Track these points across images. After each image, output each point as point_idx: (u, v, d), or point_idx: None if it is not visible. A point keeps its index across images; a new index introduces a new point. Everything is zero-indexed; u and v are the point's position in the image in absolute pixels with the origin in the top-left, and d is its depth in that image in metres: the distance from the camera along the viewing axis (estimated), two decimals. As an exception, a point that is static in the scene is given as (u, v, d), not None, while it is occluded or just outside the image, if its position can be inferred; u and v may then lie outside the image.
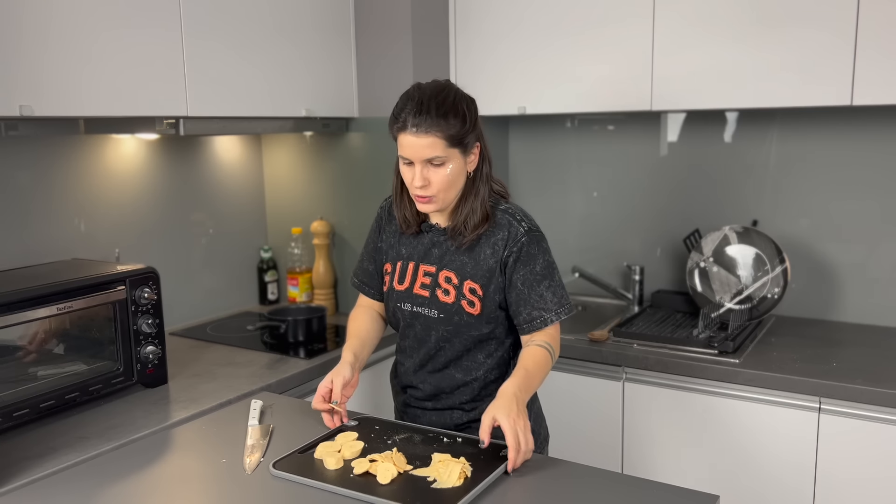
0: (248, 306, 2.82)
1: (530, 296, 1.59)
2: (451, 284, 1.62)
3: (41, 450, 1.56)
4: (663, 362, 2.16)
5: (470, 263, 1.61)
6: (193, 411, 1.76)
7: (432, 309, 1.64)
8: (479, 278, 1.61)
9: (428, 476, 1.37)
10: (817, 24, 2.10)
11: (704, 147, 2.65)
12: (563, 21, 2.47)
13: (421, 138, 1.50)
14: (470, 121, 1.53)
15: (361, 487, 1.33)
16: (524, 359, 1.56)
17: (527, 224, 1.62)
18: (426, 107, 1.50)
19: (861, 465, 1.94)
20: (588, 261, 2.90)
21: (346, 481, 1.35)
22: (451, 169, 1.53)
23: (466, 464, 1.39)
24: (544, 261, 1.61)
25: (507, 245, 1.59)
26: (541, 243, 1.62)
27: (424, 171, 1.53)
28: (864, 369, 2.02)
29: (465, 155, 1.55)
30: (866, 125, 2.38)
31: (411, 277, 1.67)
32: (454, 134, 1.51)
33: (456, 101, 1.53)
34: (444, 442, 1.52)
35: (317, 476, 1.37)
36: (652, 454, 2.23)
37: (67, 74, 1.78)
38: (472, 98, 1.58)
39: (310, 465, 1.42)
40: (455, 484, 1.34)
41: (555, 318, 1.60)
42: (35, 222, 2.12)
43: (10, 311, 1.62)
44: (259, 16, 2.26)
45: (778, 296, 2.38)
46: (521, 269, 1.59)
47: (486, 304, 1.61)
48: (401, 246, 1.70)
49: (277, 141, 2.84)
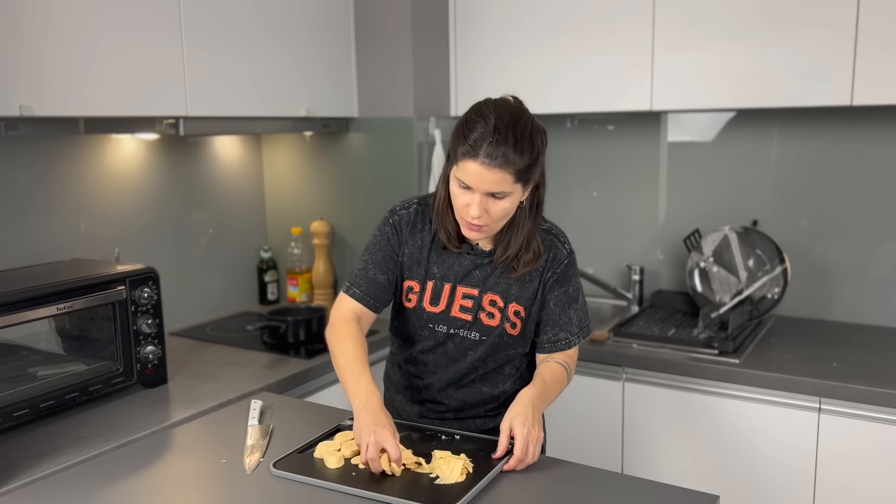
0: (248, 306, 2.82)
1: (560, 317, 1.59)
2: (497, 308, 1.58)
3: (41, 450, 1.56)
4: (663, 362, 2.16)
5: (515, 286, 1.58)
6: (193, 411, 1.76)
7: (473, 331, 1.59)
8: (523, 301, 1.58)
9: (431, 473, 1.38)
10: (817, 25, 2.10)
11: (704, 147, 2.65)
12: (563, 21, 2.46)
13: (492, 171, 1.39)
14: (539, 158, 1.45)
15: (366, 485, 1.33)
16: (543, 372, 1.56)
17: (569, 246, 1.61)
18: (503, 138, 1.38)
19: (861, 465, 1.94)
20: (588, 261, 2.90)
21: (349, 479, 1.35)
22: (511, 202, 1.45)
23: (467, 460, 1.40)
24: (575, 283, 1.61)
25: (552, 266, 1.58)
26: (576, 265, 1.63)
27: (483, 202, 1.43)
28: (864, 369, 2.02)
29: (526, 187, 1.46)
30: (866, 125, 2.38)
31: (447, 300, 1.60)
32: (522, 169, 1.41)
33: (532, 133, 1.43)
34: (442, 439, 1.52)
35: (318, 475, 1.37)
36: (652, 454, 2.23)
37: (67, 74, 1.78)
38: (544, 129, 1.48)
39: (310, 465, 1.42)
40: (458, 480, 1.35)
41: (576, 342, 1.61)
42: (35, 222, 2.12)
43: (10, 311, 1.62)
44: (259, 16, 2.26)
45: (778, 296, 2.38)
46: (556, 290, 1.58)
47: (528, 324, 1.60)
48: (431, 265, 1.60)
49: (277, 141, 2.84)
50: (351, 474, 1.37)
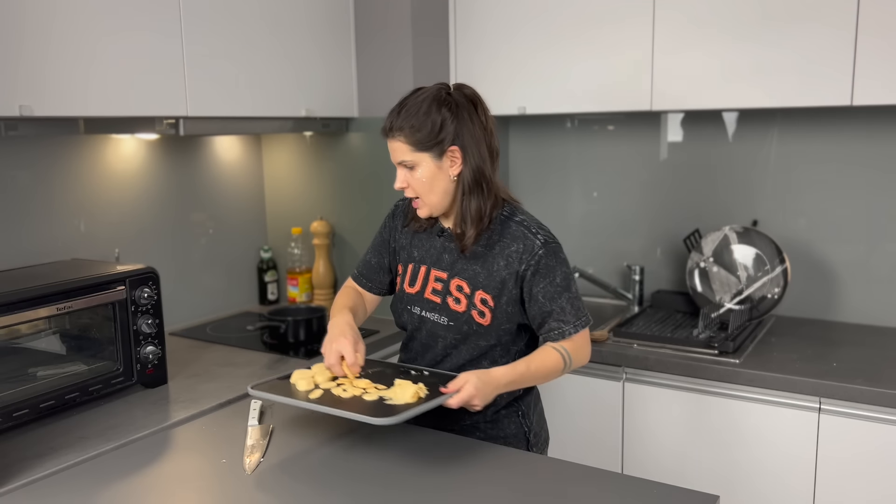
0: (248, 306, 2.82)
1: (552, 308, 1.58)
2: (463, 293, 1.62)
3: (41, 450, 1.56)
4: (663, 362, 2.16)
5: (483, 273, 1.61)
6: (193, 411, 1.76)
7: (442, 316, 1.64)
8: (490, 289, 1.60)
9: (384, 396, 1.50)
10: (817, 24, 2.10)
11: (704, 147, 2.65)
12: (563, 21, 2.47)
13: (391, 142, 1.58)
14: (439, 126, 1.54)
15: (321, 401, 1.48)
16: (533, 358, 1.57)
17: (543, 236, 1.59)
18: (397, 110, 1.57)
19: (861, 465, 1.94)
20: (588, 261, 2.90)
21: (316, 400, 1.50)
22: (423, 172, 1.56)
23: (423, 388, 1.50)
24: (563, 272, 1.59)
25: (524, 258, 1.58)
26: (558, 254, 1.60)
27: (403, 174, 1.59)
28: (864, 369, 2.02)
29: (439, 159, 1.56)
30: (866, 125, 2.38)
31: (422, 281, 1.67)
32: (420, 139, 1.54)
33: (429, 106, 1.54)
34: (411, 374, 1.62)
35: (287, 395, 1.52)
36: (652, 454, 2.23)
37: (67, 74, 1.78)
38: (464, 104, 1.57)
39: (284, 388, 1.56)
40: (407, 401, 1.46)
41: (573, 331, 1.59)
42: (35, 222, 2.12)
43: (10, 311, 1.62)
44: (259, 15, 2.26)
45: (778, 296, 2.38)
46: (541, 282, 1.58)
47: (497, 315, 1.60)
48: (412, 248, 1.71)
49: (277, 141, 2.84)
50: (317, 395, 1.52)
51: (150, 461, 1.48)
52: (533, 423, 1.71)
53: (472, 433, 1.66)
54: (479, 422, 1.67)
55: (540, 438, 1.74)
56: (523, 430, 1.68)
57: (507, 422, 1.67)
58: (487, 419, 1.66)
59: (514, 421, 1.68)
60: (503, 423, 1.67)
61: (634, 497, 1.32)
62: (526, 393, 1.70)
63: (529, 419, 1.69)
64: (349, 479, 1.39)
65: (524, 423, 1.69)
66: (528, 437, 1.69)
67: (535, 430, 1.71)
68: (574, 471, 1.43)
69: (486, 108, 1.63)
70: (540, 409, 1.78)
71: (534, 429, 1.71)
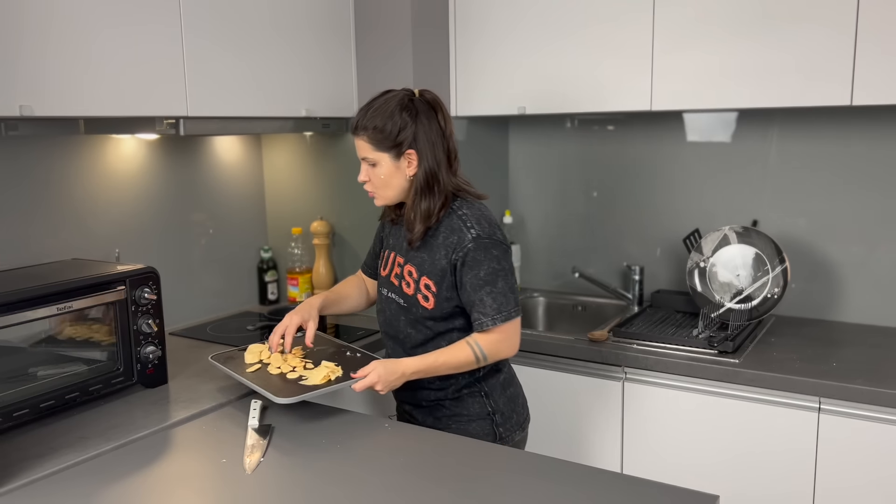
0: (248, 306, 2.83)
1: (474, 299, 1.71)
2: (412, 278, 1.79)
3: (41, 450, 1.56)
4: (663, 362, 2.16)
5: (428, 261, 1.77)
6: (193, 411, 1.76)
7: (399, 297, 1.83)
8: (433, 276, 1.75)
9: (303, 375, 1.72)
10: (817, 25, 2.10)
11: (704, 147, 2.65)
12: (563, 21, 2.47)
13: (357, 139, 1.75)
14: (398, 130, 1.70)
15: (253, 375, 1.75)
16: (445, 351, 1.73)
17: (476, 231, 1.72)
18: (363, 112, 1.74)
19: (861, 465, 1.94)
20: (588, 261, 2.90)
21: (248, 374, 1.77)
22: (382, 170, 1.74)
23: (337, 370, 1.72)
24: (490, 267, 1.71)
25: (456, 250, 1.72)
26: (490, 250, 1.71)
27: (365, 168, 1.77)
28: (864, 369, 2.02)
29: (397, 160, 1.73)
30: (866, 125, 2.38)
31: (390, 266, 1.87)
32: (381, 139, 1.71)
33: (391, 109, 1.70)
34: (346, 356, 1.86)
35: (231, 367, 1.81)
36: (652, 454, 2.23)
37: (68, 75, 1.78)
38: (425, 110, 1.72)
39: (235, 359, 1.86)
40: (317, 383, 1.67)
41: (490, 324, 1.70)
42: (35, 222, 2.12)
43: (10, 311, 1.62)
44: (259, 16, 2.26)
45: (778, 296, 2.38)
46: (469, 274, 1.71)
47: (439, 301, 1.76)
48: (390, 237, 1.92)
49: (277, 141, 2.84)
50: (254, 369, 1.78)
51: (150, 461, 1.49)
52: (499, 405, 1.84)
53: (438, 410, 1.83)
54: (443, 399, 1.82)
55: (510, 421, 1.85)
56: (487, 409, 1.82)
57: (471, 401, 1.82)
58: (450, 397, 1.82)
59: (478, 401, 1.82)
60: (467, 401, 1.82)
61: (634, 497, 1.32)
62: (489, 375, 1.83)
63: (494, 400, 1.83)
64: (349, 480, 1.39)
65: (488, 404, 1.82)
66: (494, 418, 1.82)
67: (501, 410, 1.84)
68: (574, 471, 1.43)
69: (446, 113, 1.77)
70: (511, 394, 1.87)
71: (500, 410, 1.84)
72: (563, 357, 2.32)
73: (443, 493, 1.34)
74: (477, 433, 1.81)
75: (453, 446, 1.55)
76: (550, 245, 3.00)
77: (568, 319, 2.89)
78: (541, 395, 2.36)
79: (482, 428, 1.82)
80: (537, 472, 1.41)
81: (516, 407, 1.89)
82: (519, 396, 1.91)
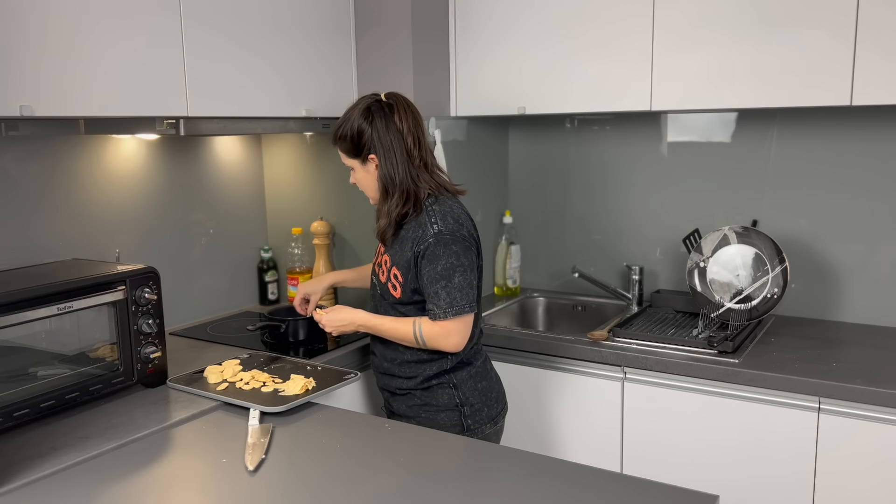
0: (248, 306, 2.83)
1: (430, 292, 1.82)
2: (386, 267, 1.93)
3: (41, 450, 1.56)
4: (663, 362, 2.16)
5: (398, 253, 1.89)
6: (193, 411, 1.76)
7: (377, 283, 1.98)
8: (401, 266, 1.87)
9: (278, 388, 1.80)
10: (817, 25, 2.10)
11: (704, 147, 2.65)
12: (563, 21, 2.47)
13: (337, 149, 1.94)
14: (358, 137, 1.84)
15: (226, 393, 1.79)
16: (393, 320, 1.88)
17: (438, 227, 1.81)
18: (336, 123, 1.90)
19: (861, 465, 1.94)
20: (588, 261, 2.90)
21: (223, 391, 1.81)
22: (358, 175, 1.92)
23: (312, 381, 1.82)
24: (447, 263, 1.79)
25: (418, 243, 1.83)
26: (449, 246, 1.80)
27: (351, 173, 1.95)
28: (864, 369, 2.02)
29: (364, 164, 1.88)
30: (865, 125, 2.38)
31: (378, 255, 2.02)
32: (349, 148, 1.89)
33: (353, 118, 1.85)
34: (307, 370, 1.95)
35: (200, 387, 1.84)
36: (652, 454, 2.23)
37: (67, 75, 1.78)
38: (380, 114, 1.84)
39: (198, 381, 1.90)
40: (296, 393, 1.76)
41: (441, 316, 1.80)
42: (35, 222, 2.12)
43: (10, 311, 1.62)
44: (259, 16, 2.26)
45: (778, 296, 2.38)
46: (427, 267, 1.81)
47: (405, 290, 1.88)
48: None
49: (277, 141, 2.84)
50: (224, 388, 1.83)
51: (150, 461, 1.49)
52: (469, 398, 1.91)
53: (410, 398, 1.92)
54: (413, 388, 1.91)
55: (480, 413, 1.93)
56: (455, 401, 1.90)
57: (441, 392, 1.90)
58: (420, 387, 1.91)
59: (447, 392, 1.90)
60: (436, 392, 1.90)
61: (634, 497, 1.32)
62: (458, 368, 1.91)
63: (463, 393, 1.91)
64: (350, 479, 1.40)
65: (456, 395, 1.90)
66: (462, 409, 1.90)
67: (471, 403, 1.91)
68: (574, 471, 1.43)
69: (405, 114, 1.85)
70: (484, 388, 1.94)
71: (469, 402, 1.91)
72: (563, 357, 2.32)
73: (443, 492, 1.34)
74: (445, 423, 1.89)
75: (453, 446, 1.55)
76: (550, 245, 3.00)
77: (568, 319, 2.89)
78: (540, 395, 2.36)
79: (450, 419, 1.90)
80: (537, 472, 1.41)
81: (488, 401, 1.95)
82: (492, 391, 1.97)
